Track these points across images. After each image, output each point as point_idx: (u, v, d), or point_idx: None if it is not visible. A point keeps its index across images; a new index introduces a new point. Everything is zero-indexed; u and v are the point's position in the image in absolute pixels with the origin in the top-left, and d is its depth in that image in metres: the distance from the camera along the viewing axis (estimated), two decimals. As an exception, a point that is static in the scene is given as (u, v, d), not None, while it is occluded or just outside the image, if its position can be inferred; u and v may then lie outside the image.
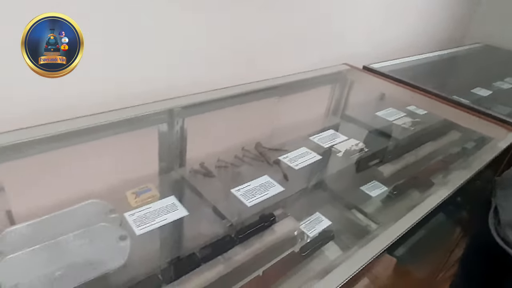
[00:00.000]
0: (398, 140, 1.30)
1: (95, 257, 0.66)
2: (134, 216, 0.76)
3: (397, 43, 1.58)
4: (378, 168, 1.26)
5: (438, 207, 0.96)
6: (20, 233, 0.69)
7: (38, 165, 0.73)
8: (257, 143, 1.07)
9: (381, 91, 1.43)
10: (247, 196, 0.86)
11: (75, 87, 0.75)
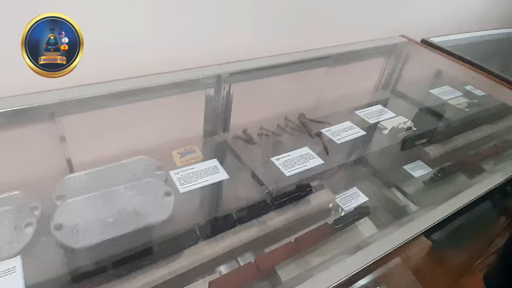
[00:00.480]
0: (450, 121, 1.23)
1: (142, 209, 0.71)
2: (179, 174, 0.81)
3: (463, 16, 1.45)
4: (425, 149, 1.22)
5: (485, 195, 0.92)
6: (78, 180, 0.76)
7: (96, 119, 0.79)
8: (300, 114, 1.07)
9: (438, 68, 1.33)
10: (286, 165, 0.88)
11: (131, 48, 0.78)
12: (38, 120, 0.72)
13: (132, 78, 0.79)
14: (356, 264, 0.68)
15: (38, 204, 0.69)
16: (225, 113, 0.95)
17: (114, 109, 0.79)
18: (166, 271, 0.81)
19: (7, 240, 0.61)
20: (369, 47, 1.15)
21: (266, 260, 0.90)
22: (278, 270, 0.93)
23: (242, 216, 0.91)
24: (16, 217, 0.65)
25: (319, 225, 1.00)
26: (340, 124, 1.05)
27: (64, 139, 0.76)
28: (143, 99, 0.82)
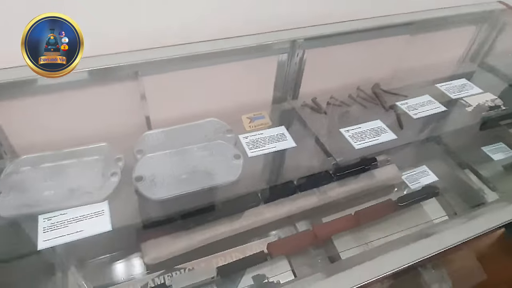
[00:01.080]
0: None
1: (212, 169, 0.75)
2: (247, 139, 0.82)
3: None
4: (510, 130, 1.10)
5: None
6: (156, 137, 0.81)
7: (174, 81, 0.82)
8: (374, 84, 1.01)
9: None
10: (356, 138, 0.85)
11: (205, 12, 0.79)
12: (123, 78, 0.77)
13: (208, 41, 0.80)
14: (422, 251, 0.65)
15: (121, 156, 0.75)
16: (296, 80, 0.93)
17: (191, 72, 0.82)
18: (227, 228, 0.86)
19: (97, 186, 0.68)
20: (459, 13, 1.03)
21: (324, 229, 0.91)
22: (335, 240, 0.94)
23: (303, 183, 0.92)
24: (103, 167, 0.72)
25: (381, 200, 0.98)
26: (417, 98, 0.98)
27: (144, 97, 0.81)
28: (218, 62, 0.83)
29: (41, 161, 0.72)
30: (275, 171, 0.93)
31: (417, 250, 0.65)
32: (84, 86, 0.75)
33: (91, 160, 0.73)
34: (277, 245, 0.88)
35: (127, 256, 0.85)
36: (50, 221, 0.63)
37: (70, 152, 0.74)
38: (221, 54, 0.80)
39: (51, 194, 0.66)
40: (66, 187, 0.67)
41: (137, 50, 0.76)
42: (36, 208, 0.64)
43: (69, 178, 0.69)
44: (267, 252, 0.83)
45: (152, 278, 0.81)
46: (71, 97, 0.76)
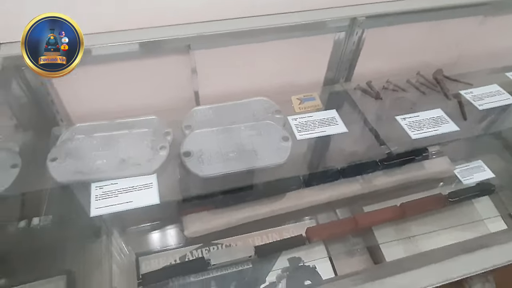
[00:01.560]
0: None
1: (260, 149, 0.73)
2: (297, 121, 0.80)
3: None
4: None
5: None
6: (204, 113, 0.80)
7: (224, 56, 0.80)
8: (437, 70, 0.93)
9: None
10: (413, 127, 0.79)
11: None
12: (175, 52, 0.76)
13: (262, 16, 0.77)
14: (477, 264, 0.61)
15: (169, 130, 0.75)
16: (351, 61, 0.87)
17: (242, 47, 0.79)
18: (267, 209, 0.86)
19: (146, 158, 0.69)
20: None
21: (366, 218, 0.88)
22: (375, 230, 0.90)
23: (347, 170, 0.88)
24: (152, 140, 0.72)
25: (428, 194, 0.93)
26: (484, 87, 0.90)
27: (195, 71, 0.80)
28: (270, 39, 0.80)
29: (94, 130, 0.73)
30: (321, 154, 0.90)
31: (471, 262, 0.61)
32: (137, 58, 0.75)
33: (141, 132, 0.74)
34: (316, 230, 0.87)
35: (168, 227, 0.87)
36: (102, 190, 0.64)
37: (122, 123, 0.75)
38: (274, 31, 0.77)
39: (103, 163, 0.68)
40: (117, 157, 0.69)
41: (190, 23, 0.74)
42: (89, 176, 0.65)
43: (120, 149, 0.70)
44: (306, 236, 0.81)
45: (190, 250, 0.83)
46: (124, 69, 0.76)
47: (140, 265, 0.79)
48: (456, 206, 0.95)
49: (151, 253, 0.82)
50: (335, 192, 0.90)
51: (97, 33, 0.68)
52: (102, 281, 0.73)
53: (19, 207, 0.64)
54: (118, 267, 0.78)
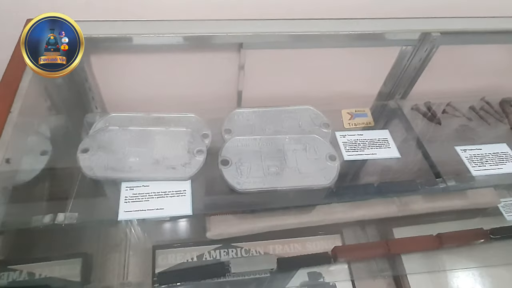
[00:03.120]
0: None
1: (305, 167, 0.67)
2: (345, 138, 0.73)
3: None
4: None
5: None
6: (246, 116, 0.74)
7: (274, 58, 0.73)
8: (504, 99, 0.84)
9: None
10: (474, 161, 0.72)
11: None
12: (225, 48, 0.70)
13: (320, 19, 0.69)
14: None
15: (208, 132, 0.70)
16: (412, 78, 0.79)
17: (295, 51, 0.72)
18: (295, 221, 0.80)
19: (181, 162, 0.64)
20: None
21: (399, 245, 0.83)
22: (404, 256, 0.85)
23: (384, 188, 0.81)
24: (190, 141, 0.67)
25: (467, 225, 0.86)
26: (557, 125, 0.80)
27: (243, 69, 0.73)
28: (326, 45, 0.72)
29: (129, 122, 0.69)
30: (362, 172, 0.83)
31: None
32: (182, 51, 0.69)
33: (178, 132, 0.68)
34: (344, 250, 0.82)
35: (191, 224, 0.83)
36: (132, 191, 0.60)
37: (159, 118, 0.71)
38: (333, 38, 0.69)
39: (136, 161, 0.63)
40: (151, 157, 0.64)
41: (244, 20, 0.67)
42: (121, 173, 0.61)
43: (155, 147, 0.65)
44: (331, 254, 0.76)
45: (209, 250, 0.79)
46: (166, 60, 0.70)
47: (156, 258, 0.76)
48: (495, 243, 0.87)
49: (168, 247, 0.78)
50: (368, 212, 0.84)
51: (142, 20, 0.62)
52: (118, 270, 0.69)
53: (45, 199, 0.60)
54: (134, 256, 0.75)
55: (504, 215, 0.84)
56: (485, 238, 0.84)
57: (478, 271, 0.93)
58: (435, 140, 0.77)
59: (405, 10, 0.71)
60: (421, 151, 0.75)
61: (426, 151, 0.75)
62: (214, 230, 0.77)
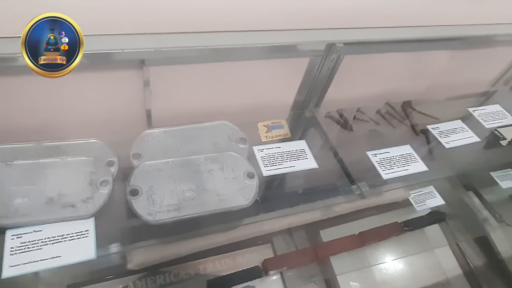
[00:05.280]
0: None
1: (222, 188, 0.64)
2: (263, 152, 0.71)
3: None
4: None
5: None
6: (157, 138, 0.68)
7: (184, 73, 0.69)
8: (405, 102, 0.91)
9: None
10: (384, 165, 0.75)
11: None
12: (126, 66, 0.63)
13: (228, 32, 0.66)
14: None
15: (114, 159, 0.63)
16: (323, 86, 0.81)
17: (206, 66, 0.68)
18: (222, 238, 0.78)
19: (82, 197, 0.56)
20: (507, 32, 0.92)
21: (325, 249, 0.85)
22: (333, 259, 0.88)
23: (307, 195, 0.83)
24: (92, 172, 0.59)
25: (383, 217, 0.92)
26: (449, 123, 0.89)
27: (148, 85, 0.67)
28: (237, 58, 0.70)
29: (15, 155, 0.59)
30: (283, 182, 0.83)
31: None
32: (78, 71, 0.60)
33: (78, 161, 0.60)
34: (274, 261, 0.81)
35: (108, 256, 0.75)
36: (20, 240, 0.51)
37: (52, 146, 0.62)
38: (242, 50, 0.67)
39: (24, 202, 0.54)
40: (43, 195, 0.55)
41: (146, 34, 0.61)
42: (4, 220, 0.51)
43: (48, 183, 0.57)
44: (262, 267, 0.75)
45: (134, 280, 0.74)
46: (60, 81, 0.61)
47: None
48: (409, 234, 0.95)
49: (86, 284, 0.71)
50: (295, 219, 0.85)
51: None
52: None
53: None
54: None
55: (414, 206, 0.90)
56: (400, 231, 0.90)
57: (398, 262, 1.00)
58: (348, 147, 0.79)
59: (312, 21, 0.71)
60: (337, 159, 0.77)
61: (341, 159, 0.77)
62: (135, 260, 0.70)
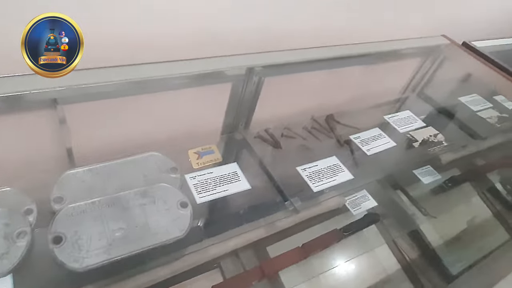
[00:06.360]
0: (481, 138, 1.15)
1: (154, 222, 0.62)
2: (195, 179, 0.71)
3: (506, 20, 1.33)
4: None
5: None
6: (80, 177, 0.65)
7: (103, 108, 0.67)
8: (328, 116, 0.96)
9: (473, 74, 1.24)
10: (313, 178, 0.79)
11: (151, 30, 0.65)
12: (39, 106, 0.60)
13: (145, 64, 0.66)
14: None
15: (33, 207, 0.58)
16: (249, 108, 0.84)
17: (126, 99, 0.67)
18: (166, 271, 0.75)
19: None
20: (410, 46, 1.03)
21: (272, 265, 0.85)
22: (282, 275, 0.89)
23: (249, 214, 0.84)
24: (6, 223, 0.55)
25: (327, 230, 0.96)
26: (369, 131, 0.96)
27: (66, 127, 0.64)
28: (161, 89, 0.70)
29: None
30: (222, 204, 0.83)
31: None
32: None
33: (-12, 214, 0.55)
34: (223, 286, 0.80)
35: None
36: None
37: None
38: (162, 81, 0.67)
39: None
40: None
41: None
42: None
43: (-46, 244, 0.51)
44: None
45: None
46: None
47: None
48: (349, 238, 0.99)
49: None
50: (240, 239, 0.85)
51: None
52: None
53: None
54: None
55: (351, 211, 0.94)
56: (340, 237, 0.94)
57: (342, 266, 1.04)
58: (279, 164, 0.82)
59: (232, 48, 0.74)
60: (269, 177, 0.80)
61: (272, 177, 0.79)
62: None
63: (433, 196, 1.15)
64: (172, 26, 0.66)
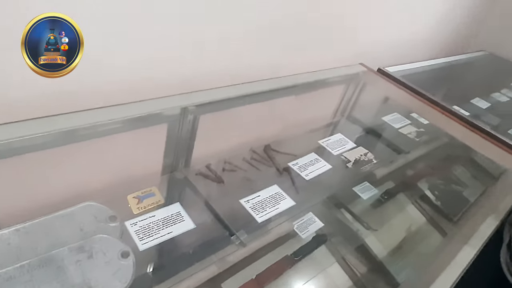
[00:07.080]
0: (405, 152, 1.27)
1: (93, 277, 0.58)
2: (137, 226, 0.69)
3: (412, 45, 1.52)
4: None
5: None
6: (5, 241, 0.59)
7: (34, 162, 0.63)
8: (266, 146, 1.00)
9: (388, 95, 1.38)
10: (257, 209, 0.81)
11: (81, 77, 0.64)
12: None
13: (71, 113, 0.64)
14: None
15: None
16: (187, 146, 0.84)
17: (56, 150, 0.64)
18: None
19: None
20: (333, 75, 1.13)
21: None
22: None
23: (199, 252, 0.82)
24: None
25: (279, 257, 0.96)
26: (306, 157, 1.01)
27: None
28: (89, 137, 0.68)
29: None
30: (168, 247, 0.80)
31: None
32: None
33: None
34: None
35: None
36: None
37: None
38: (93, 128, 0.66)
39: None
40: None
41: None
42: None
43: None
44: None
45: None
46: None
47: None
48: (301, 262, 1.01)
49: None
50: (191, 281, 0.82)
51: None
52: None
53: None
54: None
55: (299, 235, 0.96)
56: (292, 263, 0.95)
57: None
58: (222, 199, 0.83)
59: (165, 89, 0.75)
60: (213, 213, 0.79)
61: (216, 213, 0.79)
62: None
63: (373, 210, 1.21)
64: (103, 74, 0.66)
